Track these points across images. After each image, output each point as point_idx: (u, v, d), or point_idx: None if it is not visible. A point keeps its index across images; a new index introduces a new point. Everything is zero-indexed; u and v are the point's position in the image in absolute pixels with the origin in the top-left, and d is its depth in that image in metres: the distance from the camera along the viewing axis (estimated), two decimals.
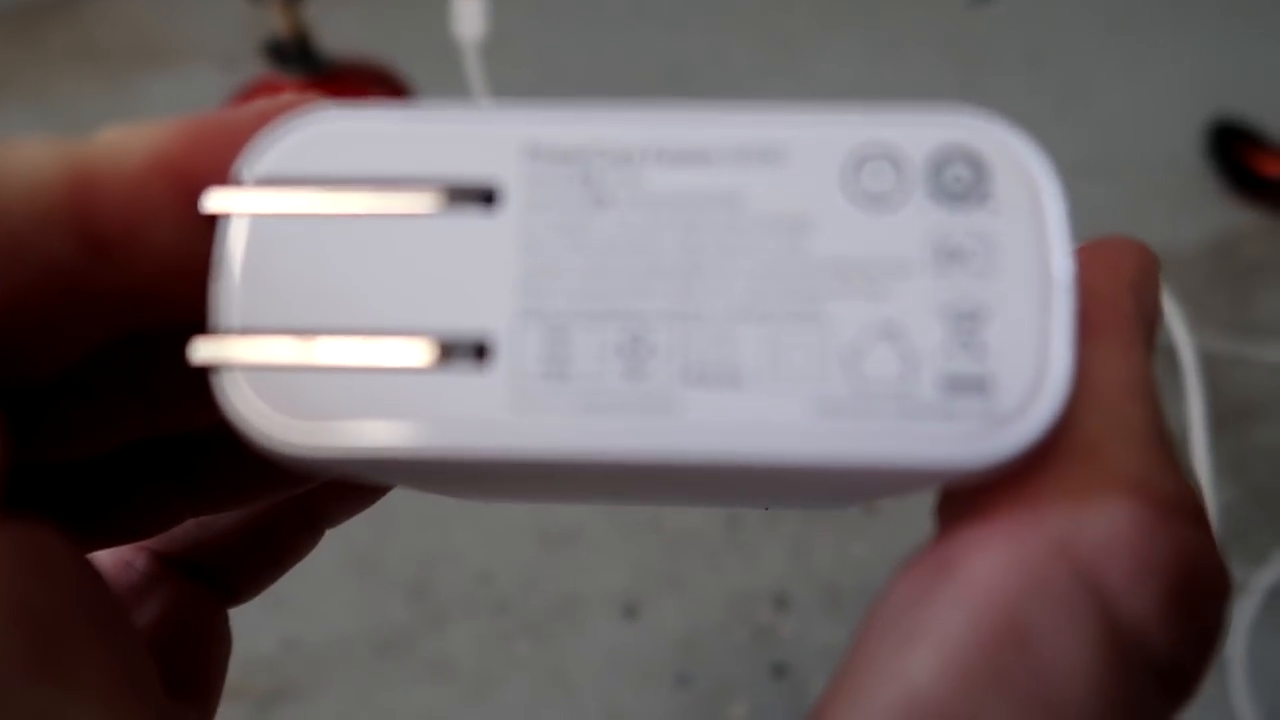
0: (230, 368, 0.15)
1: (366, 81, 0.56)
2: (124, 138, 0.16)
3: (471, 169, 0.15)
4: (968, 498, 0.15)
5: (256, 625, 0.26)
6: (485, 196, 0.15)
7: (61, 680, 0.13)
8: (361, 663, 0.46)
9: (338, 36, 0.57)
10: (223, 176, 0.15)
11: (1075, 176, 0.59)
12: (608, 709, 0.45)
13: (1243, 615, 0.46)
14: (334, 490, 0.23)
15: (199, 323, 0.15)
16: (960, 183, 0.15)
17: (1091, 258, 0.16)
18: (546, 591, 0.48)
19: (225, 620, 0.24)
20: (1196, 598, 0.14)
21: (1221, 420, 0.50)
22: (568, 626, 0.47)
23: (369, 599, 0.47)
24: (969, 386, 0.14)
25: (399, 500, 0.26)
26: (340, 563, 0.47)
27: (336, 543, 0.25)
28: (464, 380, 0.15)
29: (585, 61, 0.68)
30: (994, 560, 0.14)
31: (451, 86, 0.57)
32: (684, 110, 0.15)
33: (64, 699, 0.13)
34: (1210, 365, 0.51)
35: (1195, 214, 0.60)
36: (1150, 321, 0.16)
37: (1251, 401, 0.53)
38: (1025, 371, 0.14)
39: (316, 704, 0.45)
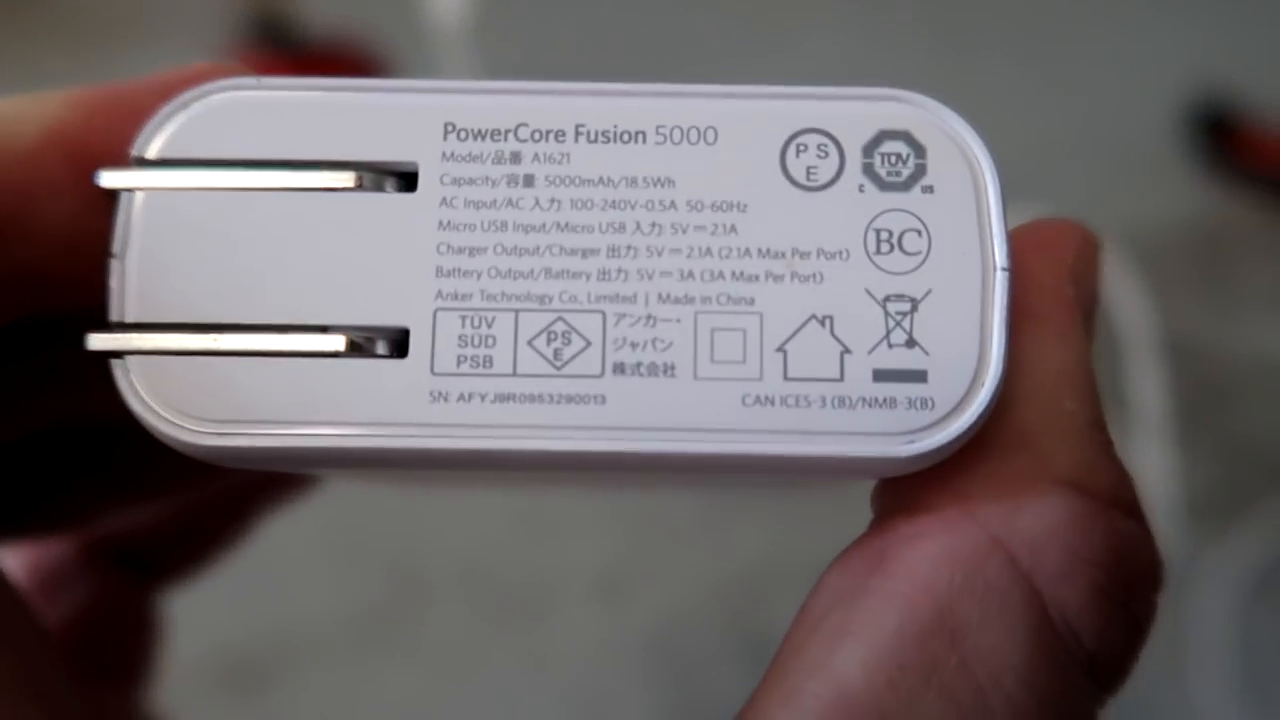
0: (128, 358, 0.14)
1: (347, 61, 0.56)
2: (16, 110, 0.15)
3: (389, 147, 0.15)
4: (903, 487, 0.15)
5: (235, 610, 0.26)
6: (403, 176, 0.15)
7: None
8: (341, 647, 0.46)
9: (319, 13, 0.57)
10: (121, 150, 0.15)
11: (1054, 154, 0.59)
12: (587, 691, 0.45)
13: (1208, 594, 0.46)
14: (262, 479, 0.23)
15: (100, 306, 0.15)
16: (898, 166, 0.15)
17: (1031, 241, 0.15)
18: (526, 574, 0.48)
19: (153, 606, 0.24)
20: (1129, 589, 0.14)
21: (1194, 401, 0.50)
22: (547, 609, 0.47)
23: (348, 583, 0.47)
24: (904, 377, 0.14)
25: (323, 482, 0.26)
26: (319, 547, 0.47)
27: (315, 527, 0.25)
28: (379, 371, 0.14)
29: (572, 41, 0.68)
30: (927, 553, 0.14)
31: (435, 66, 0.56)
32: (614, 88, 0.15)
33: None
34: (1183, 346, 0.50)
35: (1172, 194, 0.60)
36: (1090, 307, 0.16)
37: (1225, 382, 0.53)
38: (961, 362, 0.14)
39: (296, 688, 0.45)
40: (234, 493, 0.23)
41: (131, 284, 0.14)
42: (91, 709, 0.17)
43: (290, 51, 0.54)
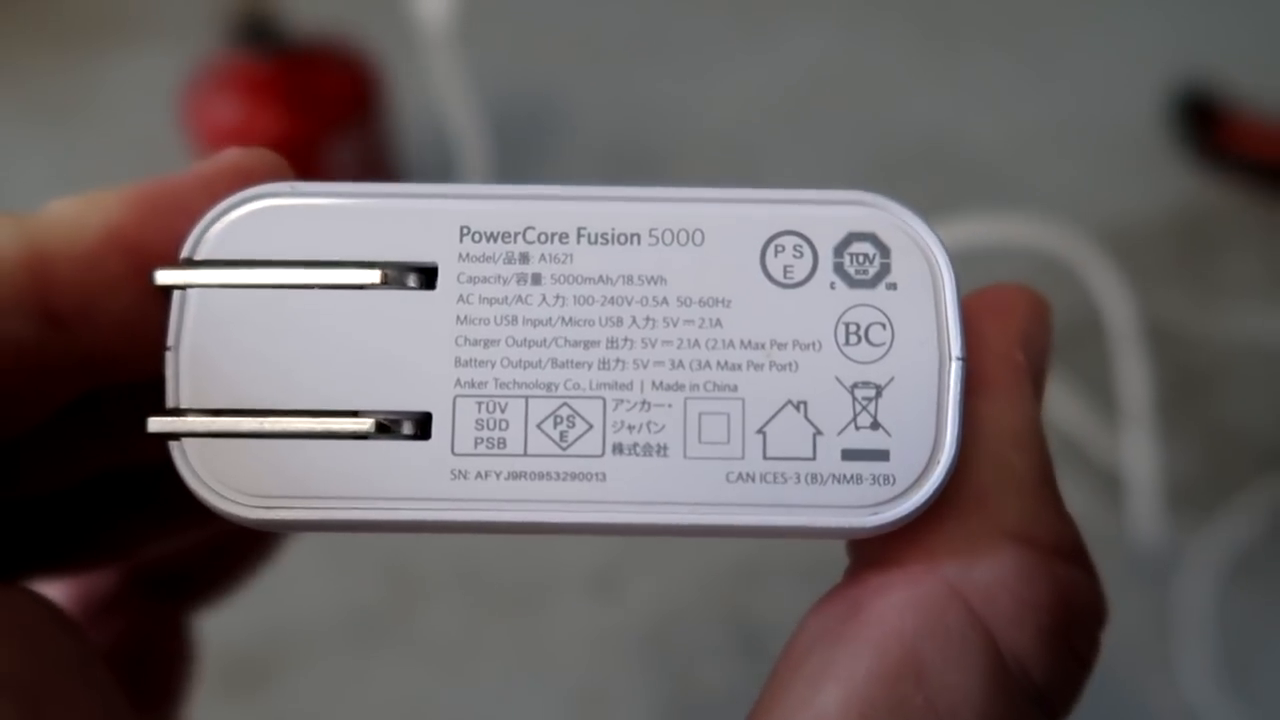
0: (183, 439, 0.16)
1: (331, 62, 0.56)
2: (77, 214, 0.16)
3: (411, 248, 0.16)
4: (873, 543, 0.16)
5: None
6: (423, 274, 0.16)
7: None
8: (339, 644, 0.47)
9: (303, 14, 0.56)
10: (173, 247, 0.16)
11: (1038, 143, 0.59)
12: (583, 685, 0.46)
13: (1191, 578, 0.47)
14: None
15: (156, 375, 0.16)
16: (865, 265, 0.16)
17: (985, 308, 0.17)
18: (521, 570, 0.49)
19: (187, 630, 0.25)
20: (1073, 629, 0.16)
21: (1178, 390, 0.51)
22: (543, 605, 0.48)
23: (346, 582, 0.48)
24: (869, 456, 0.16)
25: None
26: (316, 547, 0.48)
27: None
28: (405, 452, 0.16)
29: (557, 40, 0.68)
30: (895, 603, 0.15)
31: (419, 66, 0.56)
32: (611, 192, 0.16)
33: None
34: (1166, 333, 0.52)
35: (1156, 181, 0.60)
36: (1040, 370, 0.17)
37: (1208, 369, 0.53)
38: (920, 443, 0.16)
39: (295, 686, 0.46)
40: None
41: (185, 373, 0.16)
42: None
43: (275, 51, 0.54)
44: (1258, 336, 0.54)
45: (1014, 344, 0.17)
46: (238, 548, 0.25)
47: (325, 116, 0.54)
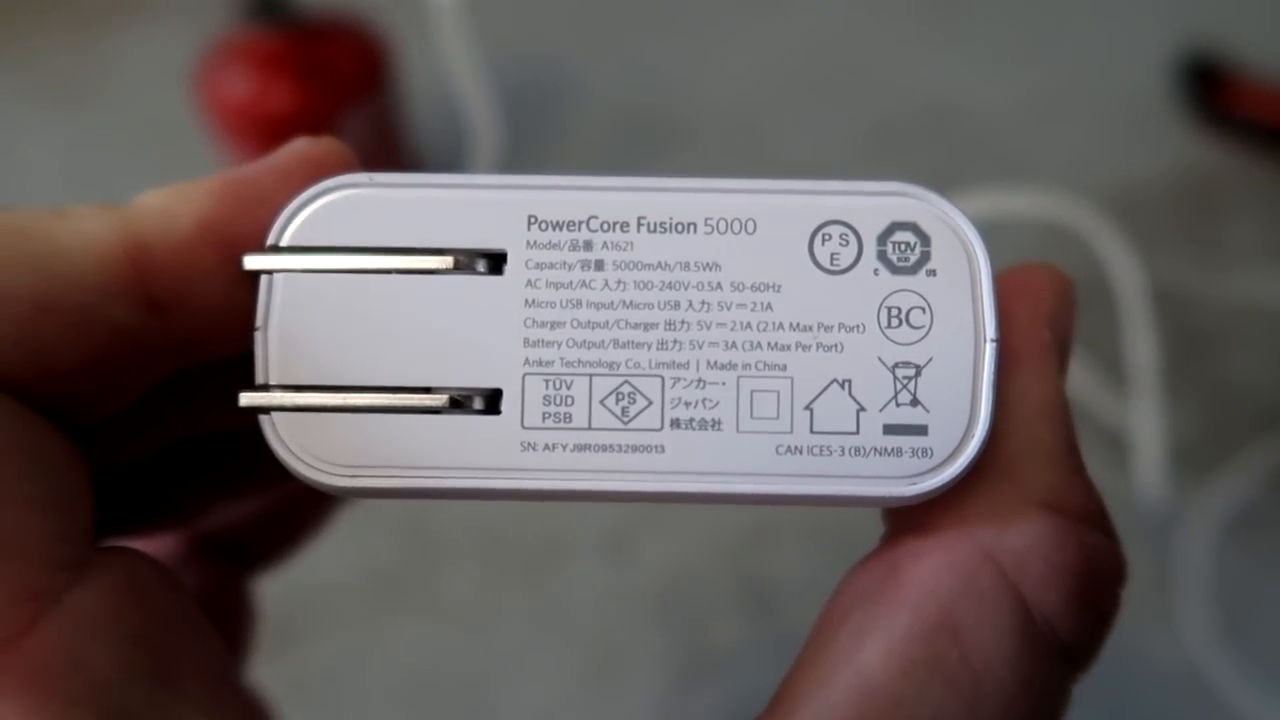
0: (273, 413, 0.17)
1: (343, 37, 0.56)
2: (170, 205, 0.17)
3: (481, 235, 0.17)
4: (910, 511, 0.18)
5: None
6: (493, 260, 0.17)
7: (175, 686, 0.15)
8: (358, 606, 0.48)
9: None
10: (257, 235, 0.17)
11: (1043, 109, 0.59)
12: (597, 644, 0.47)
13: (1192, 536, 0.48)
14: None
15: (240, 353, 0.17)
16: (907, 253, 0.17)
17: (1015, 288, 0.18)
18: (536, 532, 0.50)
19: (248, 592, 0.26)
20: (1098, 589, 0.17)
21: (1183, 352, 0.52)
22: (557, 566, 0.49)
23: (364, 544, 0.49)
24: (908, 431, 0.17)
25: None
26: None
27: None
28: (478, 425, 0.17)
29: (568, 16, 0.68)
30: (932, 567, 0.17)
31: (430, 40, 0.57)
32: (669, 184, 0.18)
33: (178, 698, 0.15)
34: (1170, 297, 0.52)
35: (1160, 146, 0.61)
36: (1064, 347, 0.19)
37: (1210, 331, 0.54)
38: (956, 418, 0.17)
39: (315, 647, 0.47)
40: (316, 491, 0.26)
41: (273, 351, 0.17)
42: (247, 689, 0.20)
43: (287, 27, 0.54)
44: (1260, 299, 0.55)
45: (1042, 323, 0.18)
46: (294, 517, 0.26)
47: (337, 91, 0.55)
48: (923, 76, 0.65)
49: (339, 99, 0.55)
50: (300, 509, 0.27)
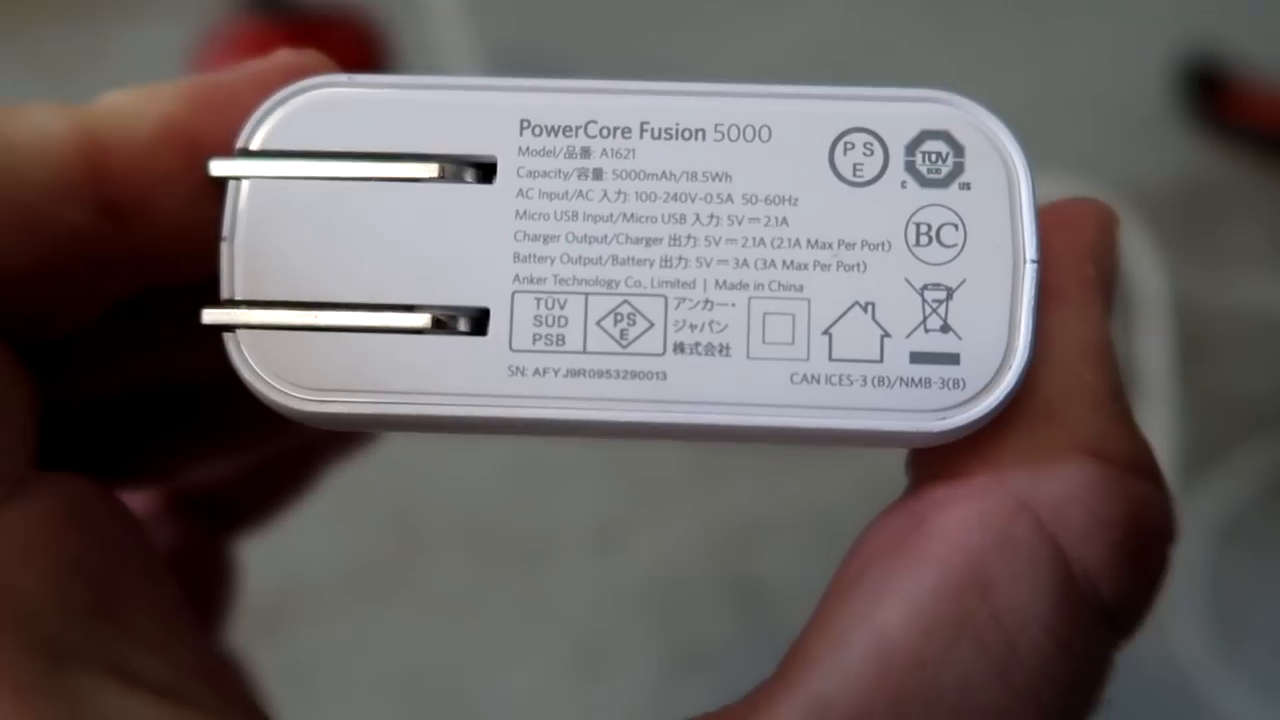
0: (238, 331, 0.15)
1: (340, 30, 0.56)
2: (132, 105, 0.16)
3: (469, 141, 0.16)
4: (937, 455, 0.16)
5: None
6: (482, 168, 0.16)
7: (118, 621, 0.14)
8: (344, 596, 0.47)
9: None
10: (228, 141, 0.16)
11: (1045, 111, 0.59)
12: (586, 638, 0.46)
13: (1186, 543, 0.47)
14: (329, 436, 0.24)
15: (209, 277, 0.16)
16: (938, 164, 0.16)
17: (1055, 221, 0.17)
18: (525, 524, 0.49)
19: (228, 552, 0.25)
20: (1144, 546, 0.15)
21: (1187, 354, 0.51)
22: (546, 558, 0.48)
23: (350, 534, 0.48)
24: (938, 359, 0.15)
25: (380, 437, 0.27)
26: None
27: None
28: (462, 347, 0.15)
29: (568, 10, 0.68)
30: (961, 517, 0.15)
31: (427, 34, 0.56)
32: (675, 87, 0.16)
33: (123, 636, 0.14)
34: (1175, 301, 0.52)
35: (1162, 150, 0.60)
36: (1108, 284, 0.17)
37: (1209, 336, 0.54)
38: (992, 346, 0.15)
39: (300, 637, 0.46)
40: (303, 447, 0.24)
41: (240, 264, 0.16)
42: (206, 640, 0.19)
43: (285, 18, 0.54)
44: (1259, 305, 0.54)
45: (1084, 257, 0.16)
46: (278, 475, 0.25)
47: None
48: (922, 77, 0.64)
49: None
50: (285, 467, 0.25)
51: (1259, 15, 0.65)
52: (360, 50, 0.56)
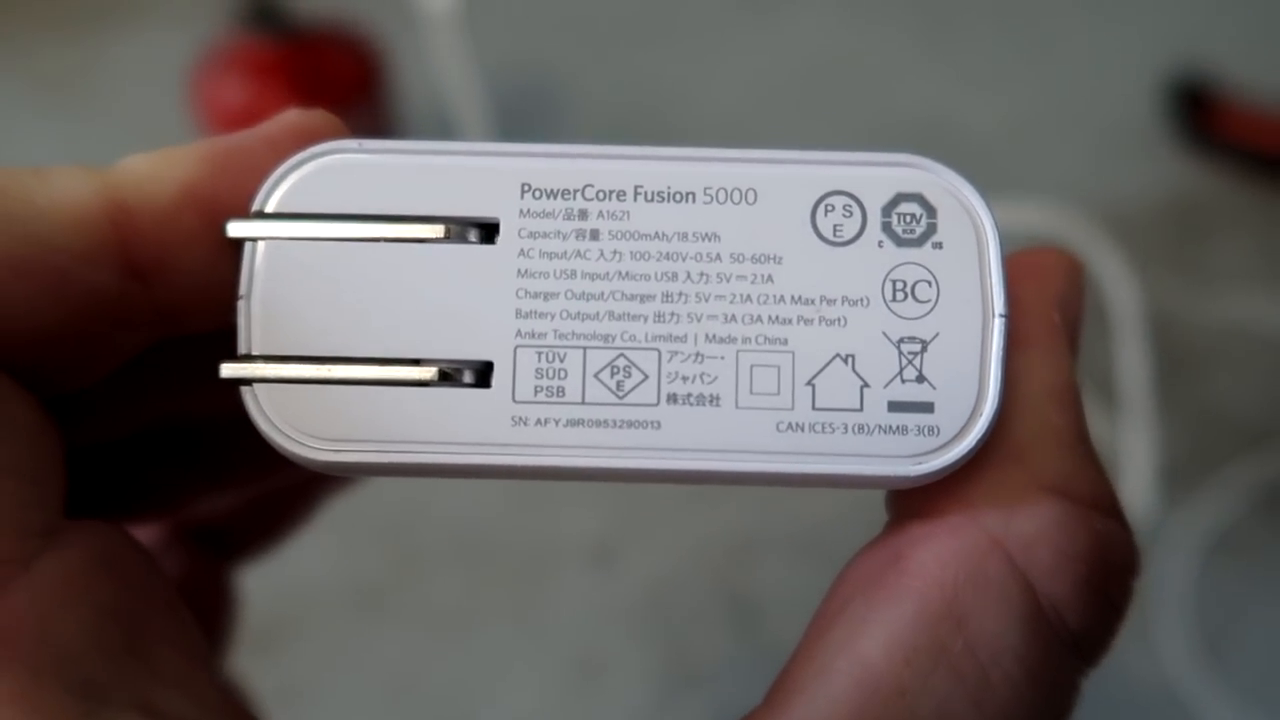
0: (255, 385, 0.16)
1: (337, 45, 0.56)
2: (154, 169, 0.17)
3: (473, 203, 0.17)
4: (915, 494, 0.17)
5: (244, 579, 0.27)
6: (485, 229, 0.17)
7: (146, 660, 0.15)
8: (341, 614, 0.47)
9: None
10: (244, 203, 0.17)
11: (1034, 130, 0.60)
12: (581, 654, 0.47)
13: (1173, 555, 0.48)
14: None
15: (222, 328, 0.17)
16: (913, 225, 0.17)
17: (1024, 270, 0.18)
18: (521, 542, 0.49)
19: (230, 582, 0.26)
20: (1109, 579, 0.16)
21: (1167, 372, 0.52)
22: (541, 575, 0.49)
23: (347, 552, 0.48)
24: (914, 408, 0.16)
25: None
26: (319, 516, 0.48)
27: None
28: (467, 399, 0.16)
29: (562, 25, 0.68)
30: (937, 553, 0.16)
31: (423, 48, 0.57)
32: (667, 152, 0.17)
33: (152, 675, 0.15)
34: (1157, 316, 0.52)
35: (1149, 168, 0.61)
36: (1074, 330, 0.18)
37: (1196, 352, 0.54)
38: (964, 395, 0.16)
39: (298, 654, 0.46)
40: (304, 480, 0.25)
41: (256, 321, 0.16)
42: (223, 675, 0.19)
43: (282, 34, 0.54)
44: (1244, 321, 0.55)
45: (1051, 305, 0.17)
46: (280, 507, 0.26)
47: (331, 99, 0.54)
48: (914, 93, 0.65)
49: (333, 107, 0.54)
50: (286, 499, 0.26)
51: (1246, 34, 0.66)
52: (357, 65, 0.56)
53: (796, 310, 0.16)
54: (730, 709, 0.16)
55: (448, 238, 0.17)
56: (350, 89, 0.55)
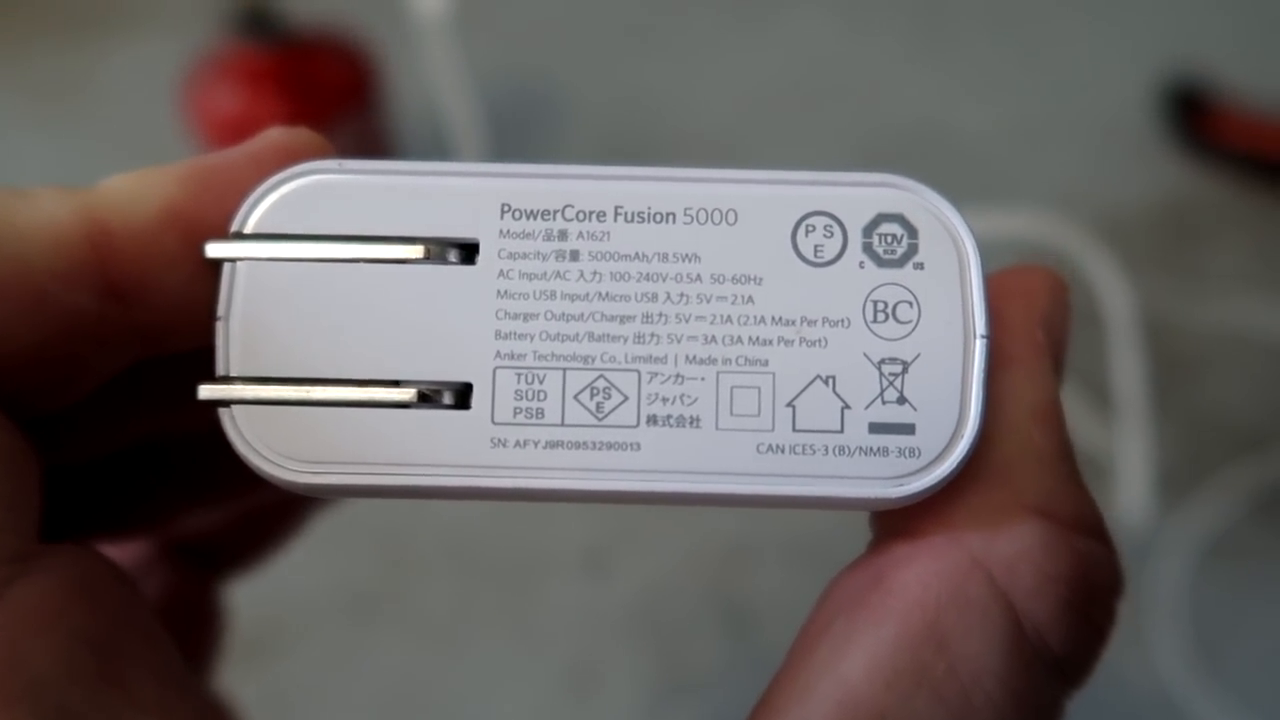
0: (233, 406, 0.16)
1: (330, 53, 0.56)
2: (135, 189, 0.17)
3: (453, 224, 0.17)
4: (897, 515, 0.17)
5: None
6: (465, 250, 0.17)
7: (122, 686, 0.15)
8: (334, 622, 0.47)
9: (301, 5, 0.56)
10: (224, 223, 0.17)
11: (1028, 133, 0.60)
12: (575, 660, 0.46)
13: (1168, 559, 0.48)
14: None
15: (201, 347, 0.17)
16: (894, 245, 0.17)
17: (1008, 290, 0.18)
18: (513, 549, 0.49)
19: (217, 597, 0.26)
20: (1091, 600, 0.16)
21: (1162, 377, 0.51)
22: (533, 583, 0.48)
23: (339, 560, 0.48)
24: (895, 429, 0.16)
25: None
26: (315, 526, 0.48)
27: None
28: (447, 421, 0.16)
29: (552, 27, 0.68)
30: (919, 574, 0.16)
31: (416, 56, 0.57)
32: (647, 173, 0.17)
33: (126, 701, 0.15)
34: (1152, 321, 0.52)
35: (1144, 172, 0.61)
36: (1059, 349, 0.18)
37: (1191, 357, 0.54)
38: (945, 417, 0.16)
39: (290, 662, 0.46)
40: (288, 496, 0.25)
41: (234, 342, 0.16)
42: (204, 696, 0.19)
43: (275, 42, 0.54)
44: (1239, 326, 0.55)
45: (1035, 324, 0.17)
46: (266, 522, 0.26)
47: (324, 107, 0.55)
48: (909, 98, 0.65)
49: (326, 114, 0.55)
50: (272, 514, 0.26)
51: (1241, 38, 0.66)
52: (350, 73, 0.56)
53: (777, 331, 0.16)
54: (723, 717, 0.16)
55: (427, 258, 0.17)
56: (343, 96, 0.55)
